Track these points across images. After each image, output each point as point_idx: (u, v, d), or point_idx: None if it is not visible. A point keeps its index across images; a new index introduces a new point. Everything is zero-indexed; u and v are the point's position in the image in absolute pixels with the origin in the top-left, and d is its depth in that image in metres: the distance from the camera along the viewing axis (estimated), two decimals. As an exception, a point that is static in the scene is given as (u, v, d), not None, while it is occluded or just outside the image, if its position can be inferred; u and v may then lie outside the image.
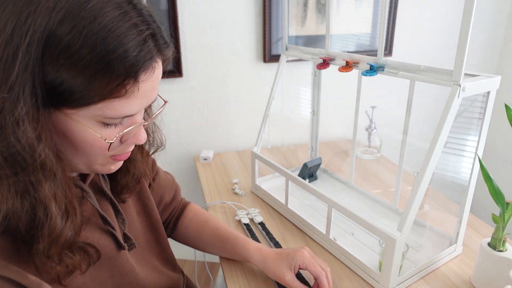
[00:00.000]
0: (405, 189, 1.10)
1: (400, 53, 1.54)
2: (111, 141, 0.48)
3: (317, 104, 1.17)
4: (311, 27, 1.40)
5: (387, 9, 1.45)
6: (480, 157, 0.73)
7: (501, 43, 1.67)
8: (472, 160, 0.75)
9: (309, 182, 1.13)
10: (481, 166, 0.70)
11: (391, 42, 1.50)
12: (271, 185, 1.11)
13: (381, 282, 0.74)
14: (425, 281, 0.77)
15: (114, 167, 0.55)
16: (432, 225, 0.90)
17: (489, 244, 0.73)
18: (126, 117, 0.48)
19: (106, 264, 0.58)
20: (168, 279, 0.73)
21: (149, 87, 0.47)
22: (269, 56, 1.39)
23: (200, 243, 0.84)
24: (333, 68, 0.89)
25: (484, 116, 0.72)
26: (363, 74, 0.79)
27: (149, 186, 0.75)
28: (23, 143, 0.41)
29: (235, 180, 1.20)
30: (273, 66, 1.43)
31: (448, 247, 0.82)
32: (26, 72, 0.40)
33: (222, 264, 0.83)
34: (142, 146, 0.67)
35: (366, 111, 1.33)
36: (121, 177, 0.63)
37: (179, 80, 1.36)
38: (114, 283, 0.59)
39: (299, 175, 1.12)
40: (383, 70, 0.77)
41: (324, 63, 0.91)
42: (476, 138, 0.74)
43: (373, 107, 1.32)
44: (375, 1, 1.43)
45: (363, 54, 0.84)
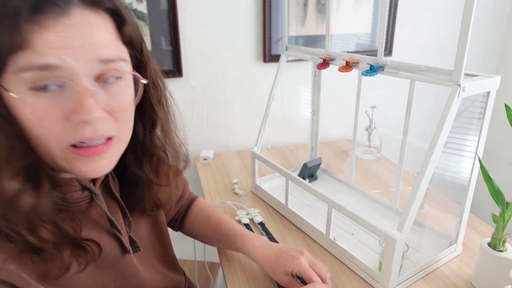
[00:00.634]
0: (405, 189, 1.10)
1: (400, 53, 1.54)
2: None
3: (317, 104, 1.17)
4: (311, 27, 1.40)
5: (387, 9, 1.45)
6: (480, 157, 0.73)
7: (501, 43, 1.67)
8: (472, 160, 0.75)
9: (309, 182, 1.13)
10: (481, 166, 0.70)
11: (391, 42, 1.50)
12: (271, 185, 1.11)
13: (381, 282, 0.74)
14: (425, 281, 0.78)
15: (86, 169, 0.48)
16: (432, 225, 0.90)
17: (489, 244, 0.73)
18: (48, 70, 0.42)
19: (110, 268, 0.58)
20: (171, 281, 0.73)
21: (63, 35, 0.42)
22: (269, 56, 1.39)
23: (205, 238, 0.85)
24: (333, 68, 0.89)
25: (484, 116, 0.72)
26: (363, 74, 0.79)
27: None
28: None
29: (235, 180, 1.20)
30: (273, 66, 1.43)
31: (448, 247, 0.82)
32: None
33: (222, 264, 0.83)
34: (164, 169, 0.64)
35: (366, 111, 1.33)
36: (139, 197, 0.62)
37: (179, 80, 1.36)
38: (117, 286, 0.59)
39: (299, 175, 1.12)
40: (383, 70, 0.78)
41: (324, 63, 0.91)
42: (476, 138, 0.74)
43: (373, 107, 1.32)
44: (375, 1, 1.43)
45: (363, 54, 0.84)
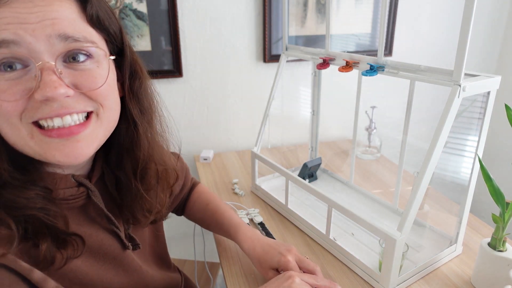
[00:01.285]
0: (405, 189, 1.10)
1: (400, 53, 1.54)
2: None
3: (317, 104, 1.17)
4: (311, 27, 1.40)
5: (387, 9, 1.45)
6: (480, 157, 0.73)
7: (501, 43, 1.67)
8: (472, 160, 0.75)
9: (309, 182, 1.13)
10: (481, 166, 0.70)
11: (391, 42, 1.50)
12: (271, 185, 1.11)
13: (381, 282, 0.74)
14: (425, 281, 0.78)
15: (59, 154, 0.45)
16: (432, 225, 0.90)
17: (489, 244, 0.73)
18: (5, 46, 0.41)
19: (111, 263, 0.58)
20: (169, 278, 0.73)
21: (19, 11, 0.41)
22: (269, 56, 1.39)
23: (204, 224, 0.88)
24: (333, 68, 0.89)
25: (484, 116, 0.72)
26: (363, 74, 0.79)
27: None
28: None
29: (235, 180, 1.20)
30: (273, 66, 1.43)
31: (448, 247, 0.82)
32: None
33: (222, 264, 0.83)
34: (152, 173, 0.61)
35: (366, 111, 1.33)
36: (128, 202, 0.60)
37: (179, 80, 1.36)
38: (120, 282, 0.59)
39: (299, 175, 1.12)
40: (383, 70, 0.78)
41: (324, 63, 0.91)
42: (476, 138, 0.74)
43: (373, 107, 1.32)
44: (375, 1, 1.43)
45: (363, 54, 0.84)
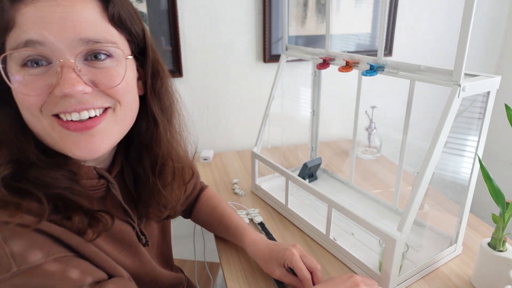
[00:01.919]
0: (405, 189, 1.10)
1: (400, 53, 1.54)
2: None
3: (317, 104, 1.17)
4: (311, 27, 1.40)
5: (387, 9, 1.45)
6: (480, 157, 0.73)
7: (501, 43, 1.67)
8: (472, 160, 0.75)
9: (309, 182, 1.13)
10: (481, 166, 0.70)
11: (391, 42, 1.50)
12: (271, 185, 1.11)
13: (381, 282, 0.74)
14: (425, 281, 0.77)
15: (76, 147, 0.48)
16: (432, 225, 0.90)
17: (489, 244, 0.73)
18: (31, 46, 0.44)
19: (128, 250, 0.59)
20: (173, 276, 0.74)
21: (45, 11, 0.44)
22: (269, 56, 1.39)
23: (210, 228, 0.89)
24: (333, 68, 0.89)
25: (484, 116, 0.72)
26: (363, 74, 0.79)
27: None
28: None
29: (235, 180, 1.20)
30: (273, 66, 1.43)
31: (448, 247, 0.82)
32: None
33: (222, 264, 0.83)
34: (169, 170, 0.63)
35: (366, 111, 1.33)
36: (145, 197, 0.62)
37: (179, 80, 1.36)
38: (135, 270, 0.60)
39: (299, 175, 1.12)
40: (383, 70, 0.77)
41: (324, 63, 0.91)
42: (476, 138, 0.74)
43: (373, 107, 1.32)
44: (375, 1, 1.43)
45: (363, 54, 0.84)
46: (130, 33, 0.53)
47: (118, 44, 0.50)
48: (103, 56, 0.48)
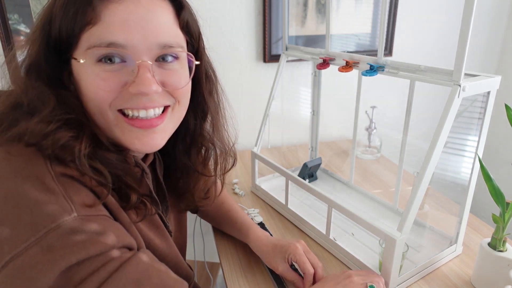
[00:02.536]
0: (405, 189, 1.10)
1: (400, 53, 1.54)
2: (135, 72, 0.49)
3: (317, 104, 1.17)
4: (311, 27, 1.40)
5: (387, 9, 1.45)
6: (480, 157, 0.73)
7: (501, 43, 1.67)
8: (472, 160, 0.75)
9: (309, 182, 1.13)
10: (481, 166, 0.70)
11: (391, 42, 1.50)
12: (271, 185, 1.11)
13: (381, 282, 0.74)
14: (425, 281, 0.77)
15: (139, 142, 0.52)
16: (432, 225, 0.90)
17: (489, 244, 0.73)
18: (108, 46, 0.47)
19: (157, 230, 0.60)
20: (188, 270, 0.74)
21: (130, 13, 0.47)
22: (269, 56, 1.39)
23: (216, 222, 0.91)
24: (333, 68, 0.89)
25: (484, 116, 0.72)
26: (363, 74, 0.79)
27: None
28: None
29: (235, 180, 1.20)
30: (273, 66, 1.43)
31: (448, 247, 0.82)
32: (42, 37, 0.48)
33: (222, 264, 0.83)
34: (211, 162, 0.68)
35: (366, 111, 1.33)
36: (185, 187, 0.67)
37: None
38: (163, 250, 0.61)
39: (299, 175, 1.12)
40: (383, 70, 0.77)
41: (324, 63, 0.91)
42: (476, 138, 0.74)
43: (373, 107, 1.32)
44: (375, 1, 1.43)
45: (363, 54, 0.84)
46: (191, 37, 0.58)
47: (185, 48, 0.55)
48: (171, 59, 0.52)
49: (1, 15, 1.12)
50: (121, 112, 0.51)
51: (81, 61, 0.48)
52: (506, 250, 0.71)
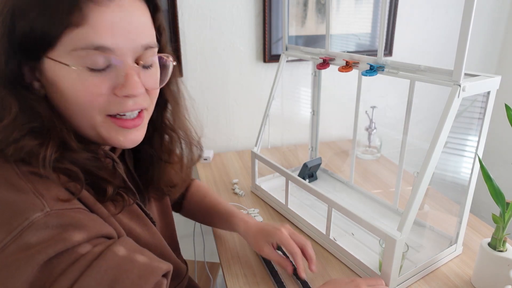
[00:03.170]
0: (405, 189, 1.10)
1: (400, 53, 1.54)
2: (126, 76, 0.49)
3: (317, 104, 1.17)
4: (311, 27, 1.40)
5: (387, 9, 1.45)
6: (480, 157, 0.73)
7: (501, 43, 1.67)
8: (472, 160, 0.75)
9: (309, 182, 1.13)
10: (481, 166, 0.70)
11: (391, 42, 1.50)
12: (271, 185, 1.11)
13: (381, 282, 0.74)
14: (425, 281, 0.77)
15: (124, 139, 0.53)
16: (432, 225, 0.90)
17: (489, 244, 0.73)
18: (96, 49, 0.46)
19: (137, 219, 0.60)
20: (177, 261, 0.74)
21: (116, 16, 0.47)
22: (269, 56, 1.39)
23: (199, 217, 0.91)
24: (333, 68, 0.89)
25: (484, 116, 0.72)
26: (363, 74, 0.79)
27: None
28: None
29: (235, 180, 1.20)
30: (273, 66, 1.43)
31: (448, 247, 0.82)
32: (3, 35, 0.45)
33: (222, 264, 0.83)
34: (178, 155, 0.69)
35: (366, 111, 1.33)
36: (153, 176, 0.67)
37: (179, 80, 1.36)
38: (145, 240, 0.61)
39: (299, 175, 1.12)
40: (383, 70, 0.77)
41: (324, 63, 0.91)
42: (476, 138, 0.74)
43: (373, 107, 1.32)
44: (375, 1, 1.43)
45: (363, 54, 0.84)
46: (161, 35, 0.58)
47: (157, 45, 0.54)
48: (151, 61, 0.53)
49: None
50: (110, 115, 0.51)
51: (65, 64, 0.46)
52: (506, 250, 0.71)
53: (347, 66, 0.84)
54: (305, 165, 1.13)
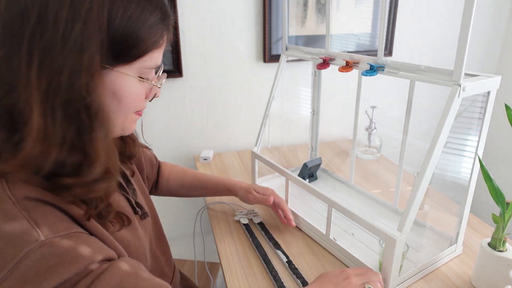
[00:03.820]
0: (405, 189, 1.10)
1: (400, 53, 1.54)
2: (156, 85, 0.56)
3: (317, 104, 1.17)
4: (311, 27, 1.40)
5: (387, 9, 1.45)
6: (480, 157, 0.73)
7: (501, 43, 1.67)
8: (472, 160, 0.75)
9: (309, 182, 1.13)
10: (481, 166, 0.70)
11: (391, 42, 1.50)
12: (271, 185, 1.11)
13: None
14: (425, 281, 0.77)
15: (134, 125, 0.58)
16: (432, 225, 0.90)
17: (489, 244, 0.73)
18: (156, 68, 0.53)
19: (129, 228, 0.60)
20: (165, 260, 0.76)
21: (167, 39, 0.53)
22: (269, 56, 1.39)
23: (183, 190, 0.98)
24: (333, 68, 0.89)
25: (484, 116, 0.72)
26: (363, 74, 0.79)
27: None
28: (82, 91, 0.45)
29: (235, 180, 1.20)
30: (273, 66, 1.43)
31: (448, 247, 0.82)
32: (94, 29, 0.44)
33: (222, 264, 0.83)
34: None
35: (366, 111, 1.33)
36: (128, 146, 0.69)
37: (179, 80, 1.36)
38: (136, 247, 0.61)
39: (299, 175, 1.12)
40: (383, 70, 0.77)
41: (324, 63, 0.91)
42: (476, 138, 0.74)
43: (373, 107, 1.32)
44: (375, 1, 1.43)
45: (363, 54, 0.84)
46: None
47: None
48: None
49: None
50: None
51: (126, 74, 0.49)
52: (506, 250, 0.71)
53: (347, 66, 0.84)
54: (305, 165, 1.13)
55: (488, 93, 0.70)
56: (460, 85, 0.63)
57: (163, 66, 0.63)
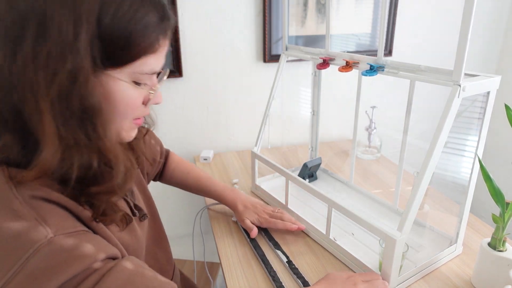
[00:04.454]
0: (405, 189, 1.10)
1: (400, 53, 1.54)
2: (152, 92, 0.54)
3: (317, 104, 1.17)
4: (311, 27, 1.40)
5: (387, 9, 1.45)
6: (480, 157, 0.73)
7: (501, 43, 1.67)
8: (472, 160, 0.75)
9: (309, 182, 1.13)
10: (481, 166, 0.70)
11: (391, 42, 1.50)
12: (271, 185, 1.11)
13: (381, 282, 0.74)
14: (425, 281, 0.77)
15: (133, 133, 0.57)
16: (432, 225, 0.90)
17: (489, 244, 0.73)
18: (153, 74, 0.52)
19: (128, 228, 0.60)
20: (164, 259, 0.76)
21: (167, 45, 0.52)
22: (269, 56, 1.39)
23: (185, 189, 1.00)
24: (333, 68, 0.89)
25: (484, 116, 0.72)
26: (363, 74, 0.79)
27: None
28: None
29: (235, 180, 1.20)
30: (273, 66, 1.43)
31: (448, 247, 0.82)
32: (88, 33, 0.43)
33: (222, 264, 0.83)
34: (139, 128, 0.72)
35: (366, 111, 1.33)
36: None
37: (179, 80, 1.36)
38: (134, 248, 0.61)
39: (299, 175, 1.12)
40: (383, 70, 0.77)
41: (324, 63, 0.91)
42: (476, 138, 0.74)
43: (373, 107, 1.32)
44: (375, 1, 1.43)
45: (363, 54, 0.84)
46: None
47: None
48: None
49: None
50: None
51: (119, 78, 0.48)
52: (506, 250, 0.71)
53: (347, 66, 0.84)
54: (305, 165, 1.13)
55: (488, 93, 0.70)
56: (460, 85, 0.63)
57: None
